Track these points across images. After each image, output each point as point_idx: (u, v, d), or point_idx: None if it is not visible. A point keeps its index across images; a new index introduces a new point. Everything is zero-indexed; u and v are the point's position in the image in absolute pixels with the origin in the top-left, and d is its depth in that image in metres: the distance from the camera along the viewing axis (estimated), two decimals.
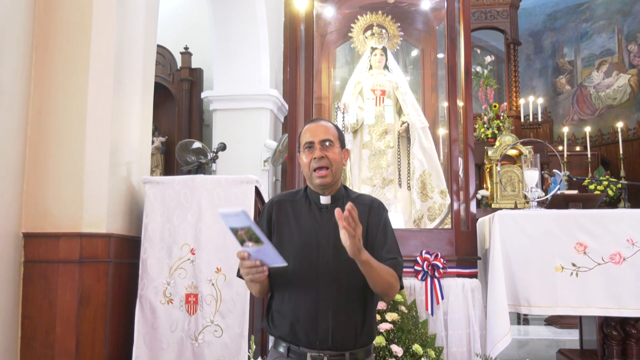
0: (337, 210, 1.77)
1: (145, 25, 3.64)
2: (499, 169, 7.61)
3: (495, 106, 8.75)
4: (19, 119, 3.04)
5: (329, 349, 1.99)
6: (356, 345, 2.04)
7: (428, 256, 3.63)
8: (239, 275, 2.12)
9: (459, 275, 3.69)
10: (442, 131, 5.35)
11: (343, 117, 4.94)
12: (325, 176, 2.07)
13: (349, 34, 5.49)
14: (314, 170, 2.07)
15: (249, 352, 2.89)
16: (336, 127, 2.20)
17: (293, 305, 2.00)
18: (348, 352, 2.02)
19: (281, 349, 2.06)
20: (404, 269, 3.62)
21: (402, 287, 2.19)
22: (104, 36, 3.21)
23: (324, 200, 2.12)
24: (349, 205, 1.76)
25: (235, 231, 1.80)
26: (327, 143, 2.09)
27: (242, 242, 1.83)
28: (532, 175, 3.76)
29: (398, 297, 3.42)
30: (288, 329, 2.03)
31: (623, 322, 3.41)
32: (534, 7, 10.66)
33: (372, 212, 2.14)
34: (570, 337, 4.94)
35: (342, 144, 2.17)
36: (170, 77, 7.90)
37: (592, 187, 7.70)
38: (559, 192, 4.57)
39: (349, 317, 2.03)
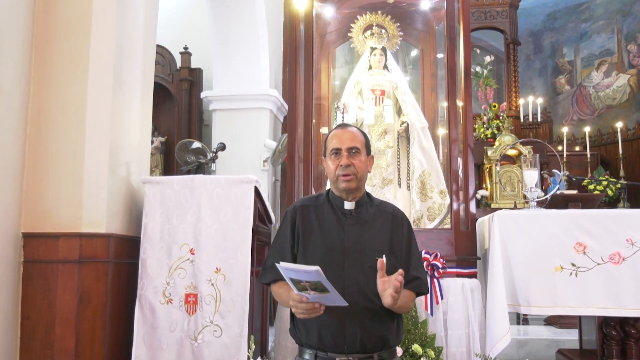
0: (380, 261, 1.87)
1: (145, 25, 3.64)
2: (498, 169, 7.62)
3: (494, 106, 8.75)
4: (19, 118, 3.04)
5: (357, 352, 2.01)
6: (384, 347, 2.06)
7: (427, 256, 3.62)
8: (266, 282, 2.14)
9: (458, 275, 3.69)
10: (442, 131, 5.35)
11: (342, 117, 4.94)
12: (350, 181, 2.10)
13: (349, 34, 5.49)
14: (340, 175, 2.10)
15: (248, 352, 2.89)
16: (363, 133, 2.23)
17: None
18: (376, 353, 2.04)
19: (307, 357, 2.07)
20: None
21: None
22: (104, 36, 3.20)
23: (348, 205, 2.14)
24: (398, 277, 1.83)
25: (297, 282, 1.80)
26: (354, 151, 2.13)
27: (301, 290, 1.83)
28: (531, 175, 3.76)
29: None
30: (315, 335, 2.04)
31: (622, 322, 3.41)
32: (533, 7, 10.67)
33: (395, 222, 2.18)
34: (569, 337, 4.94)
35: (368, 151, 2.21)
36: (170, 77, 7.90)
37: (591, 187, 7.71)
38: (558, 192, 4.57)
39: (376, 321, 2.04)
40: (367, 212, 2.16)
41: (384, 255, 1.97)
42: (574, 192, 5.57)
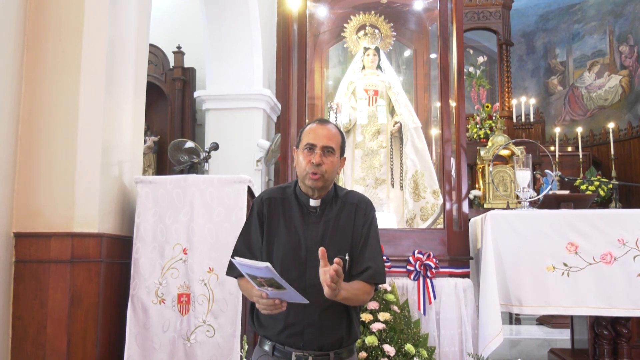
0: (322, 250, 1.81)
1: (138, 24, 3.63)
2: (491, 169, 7.64)
3: (487, 106, 8.78)
4: (10, 118, 3.03)
5: (314, 349, 2.02)
6: (341, 346, 2.07)
7: (420, 256, 3.63)
8: (234, 275, 2.12)
9: (451, 275, 3.69)
10: (435, 131, 5.36)
11: (336, 117, 4.95)
12: (318, 179, 2.07)
13: (342, 34, 5.50)
14: (309, 172, 2.08)
15: (241, 352, 2.89)
16: (341, 133, 2.19)
17: None
18: (332, 352, 2.04)
19: (266, 347, 2.08)
20: (397, 269, 3.65)
21: (376, 289, 2.21)
22: (96, 35, 3.19)
23: (313, 203, 2.12)
24: (336, 263, 1.78)
25: (253, 277, 1.80)
26: (328, 150, 2.08)
27: (260, 285, 1.83)
28: (524, 176, 3.77)
29: (390, 296, 3.42)
30: (274, 329, 2.05)
31: (614, 321, 3.43)
32: (526, 8, 10.70)
33: (358, 212, 2.14)
34: (561, 337, 4.96)
35: (342, 152, 2.18)
36: (163, 77, 7.88)
37: (583, 187, 7.74)
38: (550, 192, 4.59)
39: (335, 320, 2.05)
40: (331, 209, 2.13)
41: (347, 255, 1.99)
42: (566, 192, 5.59)
